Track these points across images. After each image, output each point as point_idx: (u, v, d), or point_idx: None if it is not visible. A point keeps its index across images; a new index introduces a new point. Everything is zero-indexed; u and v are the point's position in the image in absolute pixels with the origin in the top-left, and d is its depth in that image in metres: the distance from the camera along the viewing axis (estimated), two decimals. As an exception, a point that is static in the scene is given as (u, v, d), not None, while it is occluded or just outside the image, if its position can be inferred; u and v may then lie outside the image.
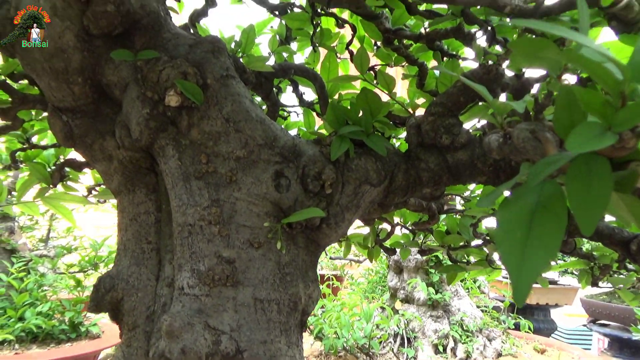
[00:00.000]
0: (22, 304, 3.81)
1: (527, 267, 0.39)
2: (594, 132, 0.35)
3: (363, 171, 0.88)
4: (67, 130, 0.90)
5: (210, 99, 0.82)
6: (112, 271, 0.90)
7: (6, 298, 4.01)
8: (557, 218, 0.40)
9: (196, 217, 0.80)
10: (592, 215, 0.37)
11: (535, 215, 0.41)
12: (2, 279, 3.99)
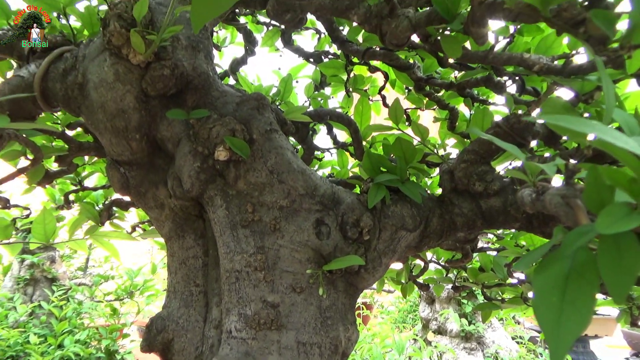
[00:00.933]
0: (61, 331, 3.94)
1: (563, 331, 0.42)
2: (621, 213, 0.39)
3: (399, 217, 0.93)
4: (124, 181, 0.98)
5: (256, 153, 0.89)
6: (162, 312, 0.96)
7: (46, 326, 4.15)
8: (589, 285, 0.43)
9: (243, 264, 0.85)
10: (623, 286, 0.40)
11: (569, 281, 0.45)
12: (43, 307, 4.14)
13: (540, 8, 0.49)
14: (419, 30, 0.75)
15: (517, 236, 1.32)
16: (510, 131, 0.93)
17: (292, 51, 1.43)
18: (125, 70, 0.88)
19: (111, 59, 0.87)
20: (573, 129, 0.35)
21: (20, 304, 4.09)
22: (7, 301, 4.12)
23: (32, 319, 4.11)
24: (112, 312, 4.51)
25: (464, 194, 0.97)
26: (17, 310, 4.00)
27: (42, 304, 4.13)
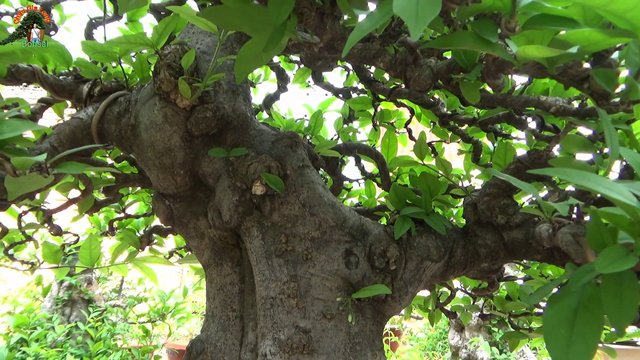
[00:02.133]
0: (96, 352, 4.05)
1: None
2: (619, 255, 0.44)
3: (424, 248, 0.97)
4: (168, 213, 1.06)
5: (290, 187, 0.96)
6: (202, 335, 1.03)
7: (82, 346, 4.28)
8: (595, 318, 0.48)
9: (277, 291, 0.92)
10: (623, 320, 0.44)
11: (577, 314, 0.49)
12: (80, 328, 4.28)
13: (547, 67, 0.55)
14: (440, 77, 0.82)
15: (543, 266, 1.34)
16: (531, 166, 0.97)
17: (322, 87, 1.51)
18: (173, 113, 0.97)
19: (160, 103, 0.97)
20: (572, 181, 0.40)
21: (58, 324, 4.24)
22: (46, 321, 4.28)
23: (69, 339, 4.25)
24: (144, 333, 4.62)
25: (487, 226, 1.01)
26: (56, 330, 4.15)
27: (79, 324, 4.28)
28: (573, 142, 0.93)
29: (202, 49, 1.05)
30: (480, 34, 0.53)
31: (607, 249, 0.44)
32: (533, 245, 0.94)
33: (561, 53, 0.45)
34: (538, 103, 0.83)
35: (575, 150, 0.95)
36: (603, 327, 0.48)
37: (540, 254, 0.94)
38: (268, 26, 0.63)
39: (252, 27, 0.63)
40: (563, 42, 0.51)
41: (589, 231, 0.49)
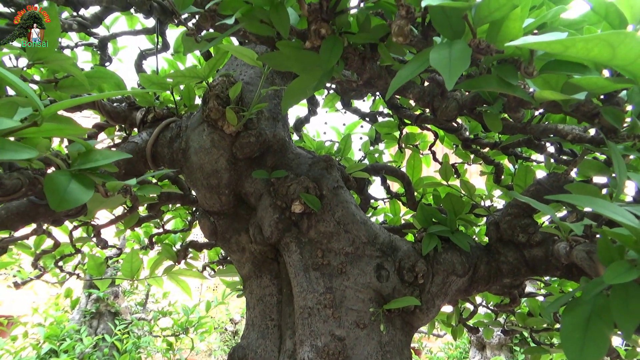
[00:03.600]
0: (122, 364, 4.16)
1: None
2: (624, 268, 0.51)
3: (450, 264, 1.05)
4: (213, 229, 1.16)
5: (325, 206, 1.05)
6: (242, 342, 1.11)
7: (108, 358, 4.39)
8: (606, 325, 0.55)
9: (314, 302, 1.00)
10: (630, 326, 0.52)
11: (590, 321, 0.57)
12: (106, 340, 4.40)
13: (562, 105, 0.63)
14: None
15: (563, 283, 1.39)
16: (551, 188, 1.05)
17: (350, 112, 1.61)
18: (220, 138, 1.08)
19: (208, 129, 1.08)
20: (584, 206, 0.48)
21: (86, 336, 4.37)
22: (75, 333, 4.42)
23: (96, 351, 4.37)
24: (167, 347, 4.72)
25: (509, 244, 1.08)
26: (84, 342, 4.28)
27: (106, 337, 4.40)
28: (589, 166, 1.00)
29: (246, 79, 1.15)
30: (503, 78, 0.62)
31: (614, 263, 0.52)
32: (552, 262, 1.01)
33: (572, 98, 0.54)
34: (556, 131, 0.90)
35: (592, 173, 1.02)
36: (612, 332, 0.55)
37: (560, 270, 1.00)
38: (316, 67, 0.72)
39: (301, 68, 0.73)
40: (575, 85, 0.59)
41: (599, 248, 0.56)
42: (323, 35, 0.64)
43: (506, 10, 0.55)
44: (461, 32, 0.58)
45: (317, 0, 0.65)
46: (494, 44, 0.58)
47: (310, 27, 0.65)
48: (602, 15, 0.64)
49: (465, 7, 0.53)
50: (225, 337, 8.76)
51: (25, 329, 4.51)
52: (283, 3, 0.62)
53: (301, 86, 0.81)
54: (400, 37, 0.59)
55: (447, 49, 0.55)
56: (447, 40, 0.58)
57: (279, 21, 0.63)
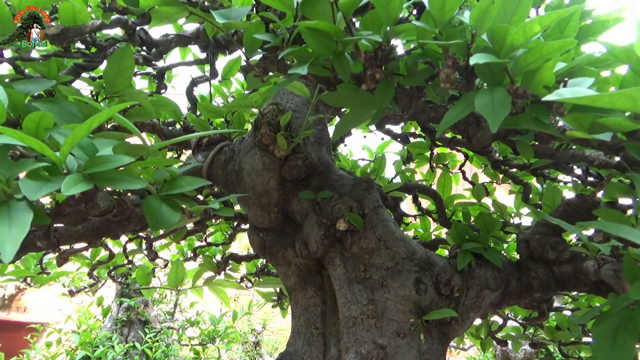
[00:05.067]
0: (152, 371, 4.28)
1: (613, 367, 0.62)
2: (647, 286, 0.59)
3: (483, 279, 1.13)
4: (262, 244, 1.26)
5: (367, 224, 1.14)
6: (289, 349, 1.20)
7: (139, 365, 4.52)
8: (631, 335, 0.63)
9: (358, 312, 1.09)
10: (653, 336, 0.60)
11: (617, 331, 0.65)
12: (137, 348, 4.54)
13: (589, 139, 0.72)
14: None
15: (591, 298, 1.45)
16: (579, 209, 1.12)
17: (383, 132, 1.71)
18: (270, 161, 1.18)
19: (260, 153, 1.19)
20: (609, 232, 0.57)
21: (117, 343, 4.51)
22: (106, 340, 4.57)
23: (126, 358, 4.51)
24: (195, 355, 4.84)
25: (539, 260, 1.16)
26: (115, 349, 4.42)
27: (136, 344, 4.54)
28: (615, 188, 1.08)
29: (292, 107, 1.26)
30: (537, 117, 0.71)
31: (638, 281, 0.60)
32: (581, 278, 1.08)
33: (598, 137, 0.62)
34: (583, 157, 0.98)
35: (618, 195, 1.09)
36: (637, 342, 0.63)
37: (588, 286, 1.07)
38: (368, 104, 0.82)
39: (355, 105, 0.83)
40: (602, 124, 0.68)
41: (625, 267, 0.64)
42: (377, 79, 0.74)
43: (540, 62, 0.64)
44: (501, 79, 0.67)
45: (372, 49, 0.75)
46: (529, 89, 0.68)
47: (366, 72, 0.75)
48: (625, 60, 0.73)
49: (506, 62, 0.63)
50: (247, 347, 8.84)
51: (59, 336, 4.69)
52: (345, 53, 0.73)
53: (352, 119, 0.91)
54: (447, 84, 0.68)
55: (489, 95, 0.64)
56: (489, 86, 0.68)
57: (341, 68, 0.73)
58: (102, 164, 0.61)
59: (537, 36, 0.62)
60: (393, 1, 0.69)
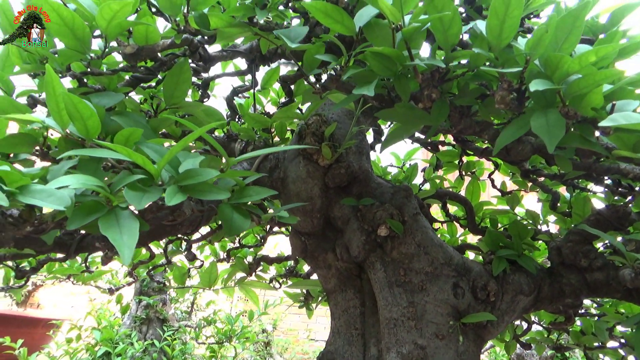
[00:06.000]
0: (171, 369, 4.37)
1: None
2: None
3: (517, 284, 1.19)
4: (303, 247, 1.33)
5: (407, 230, 1.20)
6: (330, 348, 1.27)
7: (157, 362, 4.61)
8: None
9: (399, 314, 1.15)
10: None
11: (660, 336, 0.70)
12: (155, 345, 4.62)
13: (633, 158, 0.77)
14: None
15: (617, 304, 1.50)
16: (610, 219, 1.18)
17: (412, 140, 1.76)
18: (314, 169, 1.25)
19: (304, 161, 1.25)
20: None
21: (136, 340, 4.60)
22: (126, 337, 4.66)
23: (145, 356, 4.60)
24: (211, 354, 4.91)
25: (571, 267, 1.21)
26: (135, 346, 4.51)
27: (155, 342, 4.62)
28: (647, 200, 1.13)
29: (334, 118, 1.33)
30: (583, 135, 0.77)
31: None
32: (613, 285, 1.13)
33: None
34: (618, 170, 1.04)
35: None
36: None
37: (620, 292, 1.12)
38: (421, 121, 0.89)
39: (409, 121, 0.90)
40: (645, 143, 0.73)
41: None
42: (434, 99, 0.81)
43: (591, 87, 0.70)
44: (552, 101, 0.73)
45: (429, 70, 0.81)
46: (579, 111, 0.73)
47: (423, 91, 0.81)
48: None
49: (560, 88, 0.68)
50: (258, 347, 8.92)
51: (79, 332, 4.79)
52: (406, 75, 0.79)
53: (401, 133, 0.98)
54: (502, 105, 0.74)
55: (543, 117, 0.70)
56: (540, 107, 0.74)
57: (401, 88, 0.79)
58: (194, 177, 0.68)
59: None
60: (451, 29, 0.75)
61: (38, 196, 0.58)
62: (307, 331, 8.48)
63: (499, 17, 0.70)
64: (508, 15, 0.70)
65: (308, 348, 8.21)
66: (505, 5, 0.69)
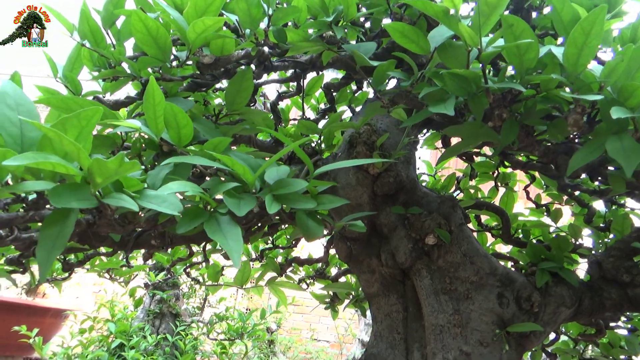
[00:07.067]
0: (184, 363, 4.43)
1: None
2: None
3: (560, 296, 1.22)
4: (349, 252, 1.37)
5: (453, 240, 1.24)
6: (373, 351, 1.31)
7: (169, 356, 4.67)
8: None
9: (445, 321, 1.19)
10: None
11: None
12: (168, 339, 4.68)
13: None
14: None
15: (649, 318, 1.53)
16: (652, 236, 1.21)
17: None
18: (363, 177, 1.29)
19: (354, 169, 1.29)
20: None
21: (150, 334, 4.66)
22: (139, 330, 4.72)
23: (157, 349, 4.66)
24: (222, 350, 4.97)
25: (612, 282, 1.25)
26: (148, 339, 4.56)
27: (168, 336, 4.68)
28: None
29: (383, 127, 1.37)
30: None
31: None
32: (655, 301, 1.16)
33: None
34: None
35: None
36: None
37: (662, 308, 1.16)
38: (485, 137, 0.92)
39: (473, 138, 0.94)
40: None
41: None
42: (504, 119, 0.85)
43: (664, 115, 0.73)
44: (625, 127, 0.77)
45: (500, 92, 0.85)
46: (649, 136, 0.77)
47: (494, 111, 0.85)
48: None
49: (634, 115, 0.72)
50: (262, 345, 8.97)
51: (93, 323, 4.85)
52: (480, 95, 0.83)
53: (459, 148, 1.02)
54: (574, 128, 0.78)
55: (618, 141, 0.74)
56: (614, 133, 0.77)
57: (475, 108, 0.83)
58: (286, 187, 0.72)
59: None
60: (528, 54, 0.79)
61: (154, 201, 0.62)
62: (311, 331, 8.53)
63: (577, 47, 0.74)
64: (586, 45, 0.74)
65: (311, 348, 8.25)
66: (584, 36, 0.73)
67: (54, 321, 5.86)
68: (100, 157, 0.53)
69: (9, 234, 0.92)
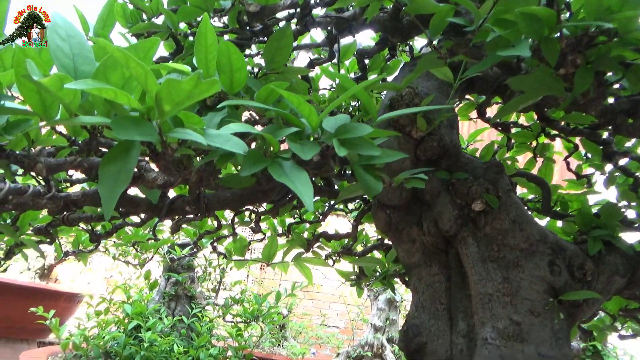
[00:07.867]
0: (199, 345, 4.43)
1: None
2: None
3: (613, 265, 1.17)
4: (388, 220, 1.32)
5: (501, 206, 1.19)
6: (415, 321, 1.26)
7: (185, 338, 4.68)
8: None
9: (493, 289, 1.14)
10: None
11: None
12: (184, 321, 4.69)
13: None
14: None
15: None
16: None
17: (483, 121, 1.74)
18: (405, 141, 1.23)
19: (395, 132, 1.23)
20: None
21: (165, 316, 4.66)
22: (154, 312, 4.73)
23: (173, 331, 4.66)
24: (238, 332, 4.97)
25: (667, 251, 1.19)
26: (164, 321, 4.57)
27: (183, 318, 4.68)
28: None
29: (425, 91, 1.30)
30: None
31: None
32: None
33: None
34: None
35: None
36: None
37: None
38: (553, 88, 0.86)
39: (538, 89, 0.87)
40: None
41: None
42: (578, 65, 0.78)
43: None
44: None
45: (573, 36, 0.79)
46: None
47: (567, 57, 0.79)
48: None
49: None
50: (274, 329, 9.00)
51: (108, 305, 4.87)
52: (553, 38, 0.77)
53: (518, 104, 0.95)
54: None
55: None
56: None
57: (549, 51, 0.77)
58: (352, 132, 0.67)
59: None
60: (609, -10, 0.73)
61: (217, 140, 0.57)
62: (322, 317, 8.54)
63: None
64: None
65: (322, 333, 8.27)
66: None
67: (67, 305, 5.90)
68: (172, 77, 0.48)
69: (47, 192, 0.88)
